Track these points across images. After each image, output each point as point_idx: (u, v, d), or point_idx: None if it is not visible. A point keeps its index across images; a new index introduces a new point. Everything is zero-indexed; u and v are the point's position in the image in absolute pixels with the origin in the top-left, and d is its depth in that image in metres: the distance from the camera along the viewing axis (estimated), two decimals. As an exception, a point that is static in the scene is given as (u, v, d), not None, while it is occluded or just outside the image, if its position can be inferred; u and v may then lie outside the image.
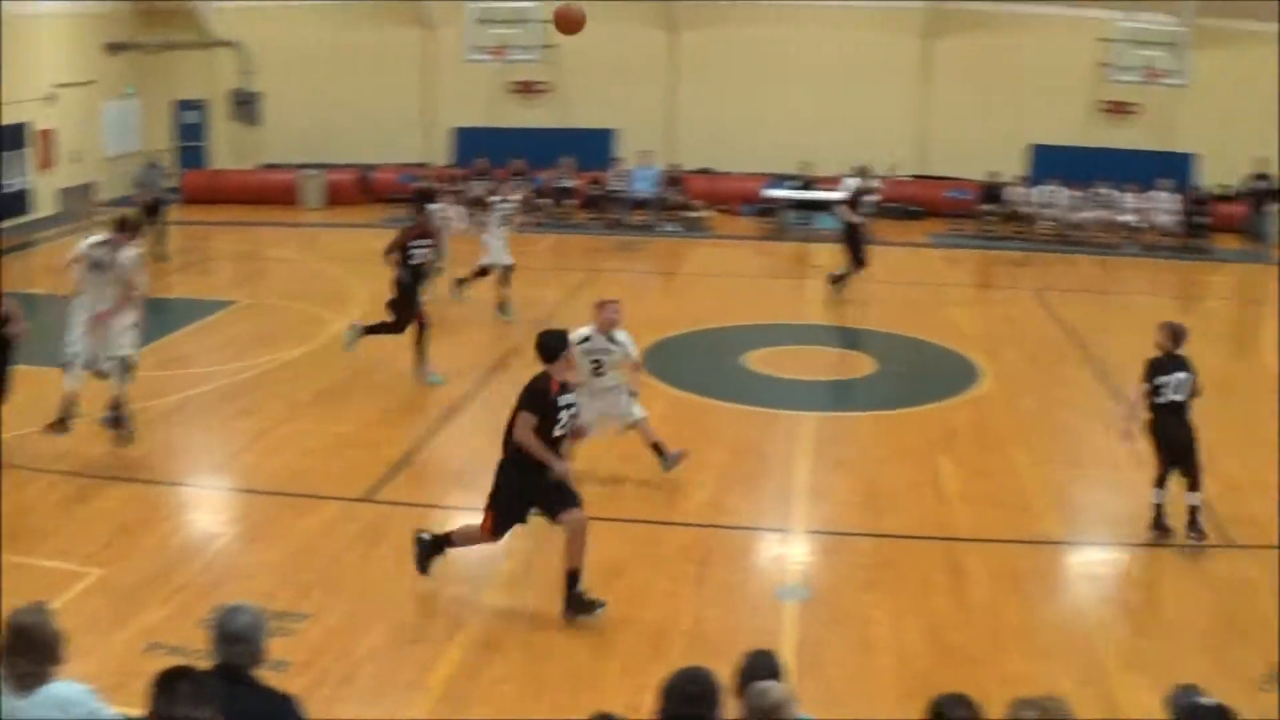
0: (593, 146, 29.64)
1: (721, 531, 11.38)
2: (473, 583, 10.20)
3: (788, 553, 11.08)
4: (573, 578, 9.51)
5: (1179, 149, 30.52)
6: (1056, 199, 28.42)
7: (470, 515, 10.00)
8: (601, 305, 12.32)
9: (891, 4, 30.31)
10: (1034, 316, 20.97)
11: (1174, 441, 11.27)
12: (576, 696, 8.28)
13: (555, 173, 28.37)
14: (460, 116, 30.95)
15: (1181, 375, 11.32)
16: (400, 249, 15.52)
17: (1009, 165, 29.40)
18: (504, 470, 9.68)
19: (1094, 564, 11.25)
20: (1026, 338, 19.50)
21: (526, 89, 31.03)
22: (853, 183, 23.47)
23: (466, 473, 12.16)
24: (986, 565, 10.61)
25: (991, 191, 28.73)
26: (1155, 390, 11.32)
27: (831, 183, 26.64)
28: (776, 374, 16.74)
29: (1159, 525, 11.26)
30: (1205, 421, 12.75)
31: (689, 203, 28.12)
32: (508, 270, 19.28)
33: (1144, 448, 11.55)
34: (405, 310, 15.56)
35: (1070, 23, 29.70)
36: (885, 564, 10.69)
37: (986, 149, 29.07)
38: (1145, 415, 11.45)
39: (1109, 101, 30.71)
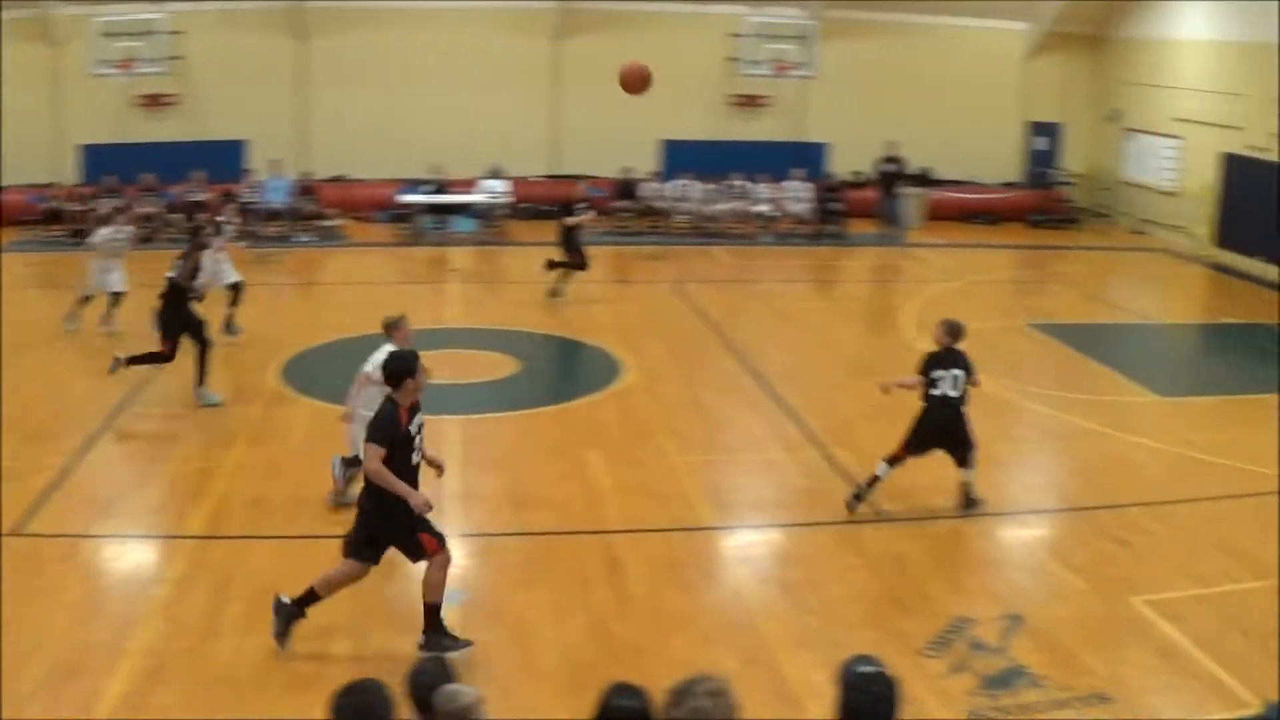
0: (224, 158, 31.41)
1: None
2: (129, 611, 11.28)
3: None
4: (434, 611, 10.63)
5: (810, 139, 35.43)
6: (690, 193, 32.52)
7: (130, 544, 11.83)
8: (398, 324, 13.41)
9: (520, 5, 33.80)
10: (673, 308, 24.18)
11: (943, 433, 13.99)
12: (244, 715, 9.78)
13: (186, 187, 29.69)
14: (88, 133, 32.02)
15: (957, 371, 14.08)
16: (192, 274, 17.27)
17: (642, 161, 33.41)
18: (368, 500, 10.52)
19: (750, 546, 13.70)
20: (667, 329, 22.48)
21: (154, 102, 32.55)
22: (494, 184, 28.71)
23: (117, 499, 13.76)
24: (643, 555, 12.93)
25: (626, 188, 32.49)
26: (931, 383, 14.05)
27: (466, 185, 30.86)
28: (419, 379, 18.40)
29: (858, 496, 13.96)
30: (849, 399, 17.19)
31: (323, 212, 29.99)
32: (236, 288, 20.88)
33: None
34: (178, 334, 17.17)
35: (700, 19, 34.22)
36: (542, 561, 12.70)
37: (620, 146, 33.04)
38: (920, 404, 14.07)
39: (740, 95, 35.32)
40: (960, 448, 14.27)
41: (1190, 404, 19.95)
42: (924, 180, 36.02)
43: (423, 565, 10.51)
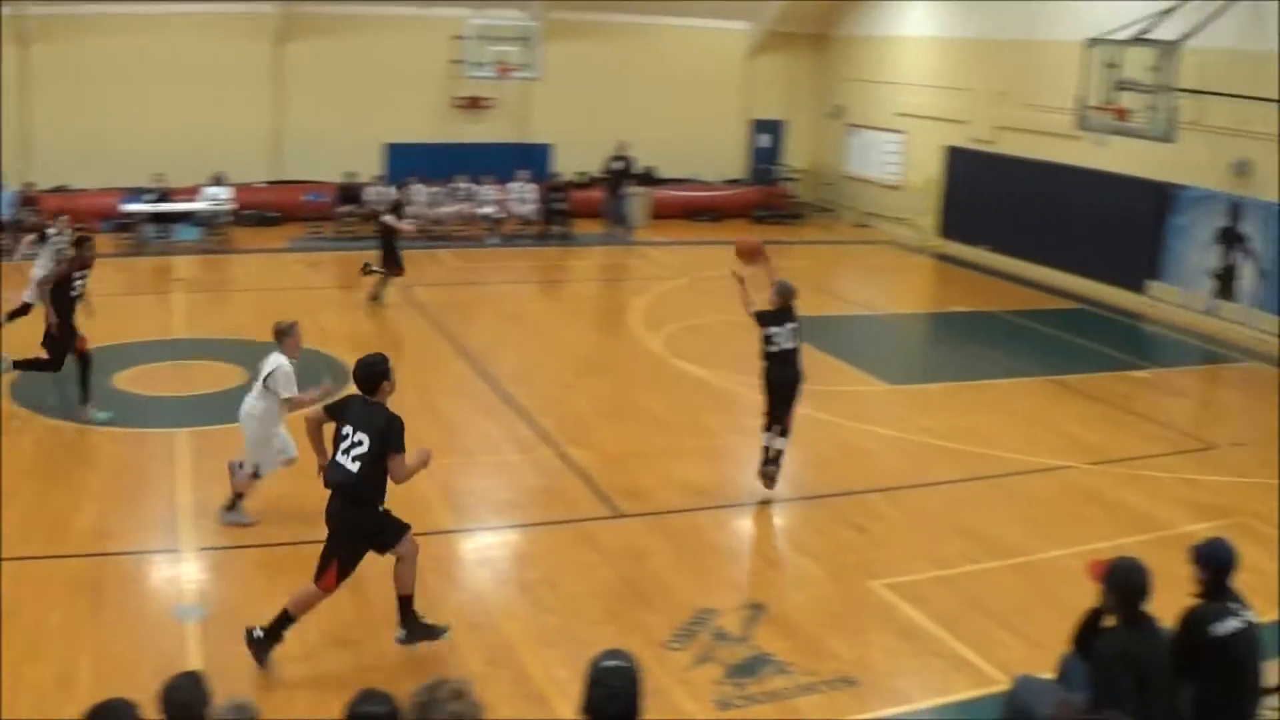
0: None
1: (110, 559, 12.59)
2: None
3: (181, 572, 12.51)
4: (407, 603, 10.78)
5: (535, 140, 35.61)
6: (415, 196, 32.00)
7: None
8: (289, 330, 13.53)
9: (242, 8, 32.84)
10: (402, 313, 23.84)
11: (782, 385, 14.54)
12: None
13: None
14: None
15: (791, 325, 14.71)
16: (64, 282, 16.53)
17: (367, 165, 32.91)
18: (353, 516, 10.45)
19: (488, 548, 13.58)
20: (397, 335, 22.25)
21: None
22: (217, 191, 28.35)
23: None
24: (381, 562, 12.17)
25: (349, 193, 31.94)
26: (768, 340, 14.57)
27: (189, 193, 30.03)
28: (147, 392, 18.30)
29: (768, 464, 14.61)
30: (581, 398, 16.90)
31: (43, 224, 27.40)
32: None
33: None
34: (64, 346, 16.58)
35: (422, 21, 33.93)
36: (280, 571, 12.29)
37: (343, 150, 32.58)
38: (761, 364, 14.61)
39: (463, 97, 35.16)
40: (788, 410, 14.92)
41: (921, 391, 20.55)
42: (649, 179, 36.34)
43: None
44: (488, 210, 32.78)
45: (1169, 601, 8.35)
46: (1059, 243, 29.87)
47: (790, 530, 14.44)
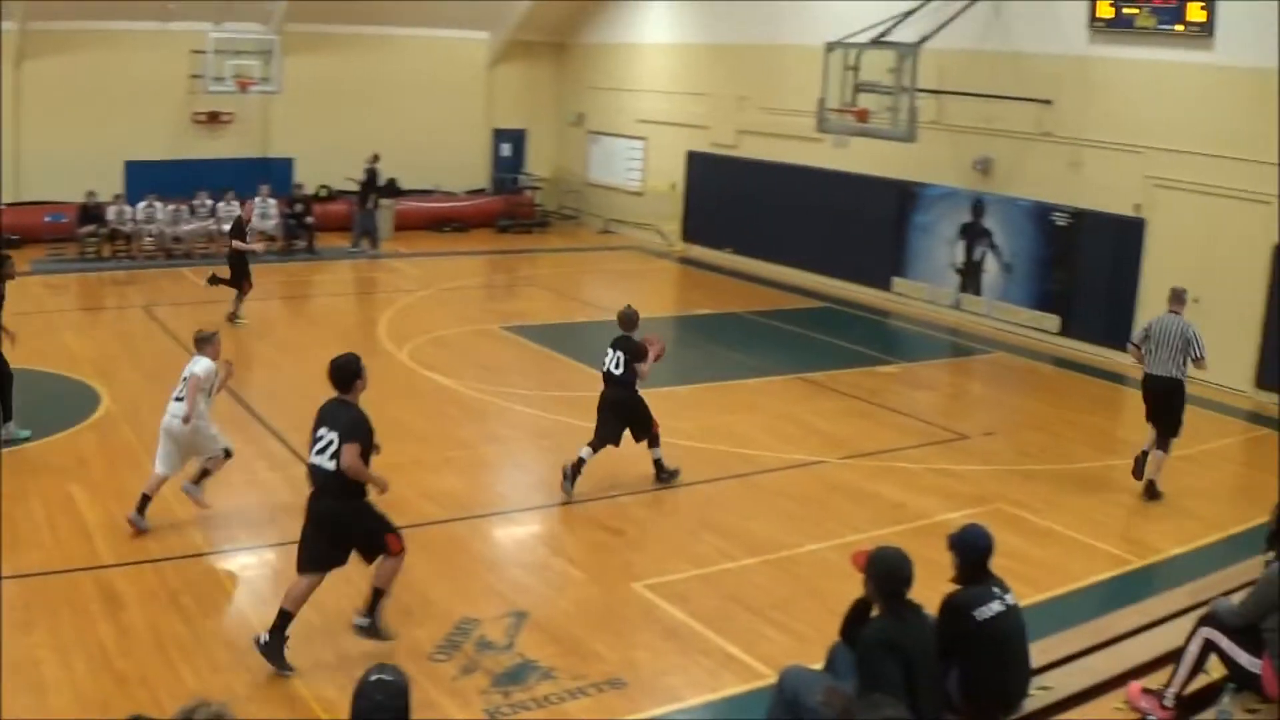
0: None
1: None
2: None
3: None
4: (379, 596, 11.08)
5: (277, 154, 35.14)
6: (156, 214, 31.30)
7: None
8: (210, 339, 14.20)
9: None
10: (146, 332, 23.40)
11: (611, 406, 15.36)
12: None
13: None
14: None
15: (619, 354, 15.52)
16: None
17: (108, 184, 31.82)
18: (341, 511, 10.82)
19: (246, 568, 13.24)
20: (142, 356, 21.67)
21: None
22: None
23: None
24: (141, 587, 12.32)
25: (90, 212, 30.92)
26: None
27: None
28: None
29: (573, 471, 15.00)
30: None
31: None
32: None
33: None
34: None
35: (162, 36, 33.27)
36: (39, 603, 11.90)
37: (84, 170, 31.67)
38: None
39: (204, 113, 34.50)
40: (639, 425, 15.82)
41: (671, 394, 20.40)
42: (393, 191, 36.06)
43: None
44: (229, 226, 31.99)
45: (931, 588, 8.56)
46: (804, 244, 30.44)
47: (549, 536, 14.45)
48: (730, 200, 33.57)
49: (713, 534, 14.31)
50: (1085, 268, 25.40)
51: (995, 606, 8.28)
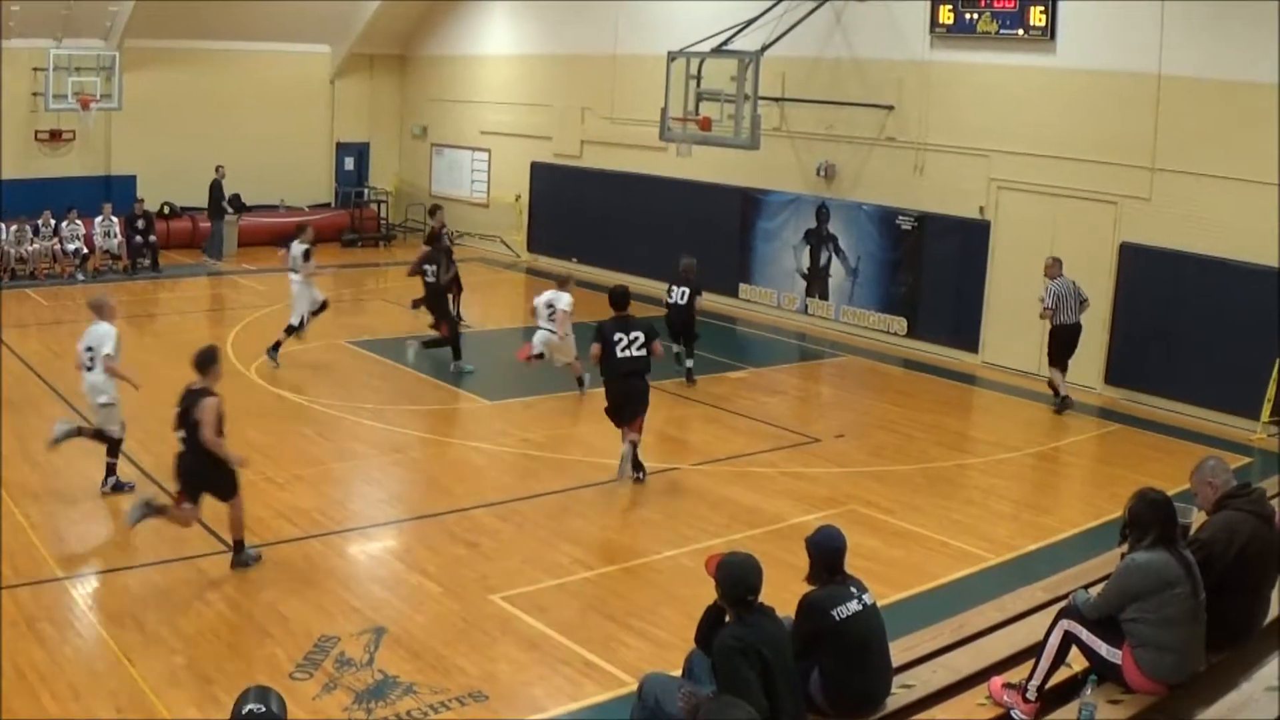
0: None
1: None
2: None
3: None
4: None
5: (119, 172, 34.47)
6: None
7: None
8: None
9: None
10: None
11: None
12: None
13: None
14: None
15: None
16: None
17: None
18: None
19: (101, 593, 12.72)
20: None
21: None
22: None
23: None
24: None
25: None
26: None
27: None
28: None
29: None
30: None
31: None
32: None
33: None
34: None
35: (3, 54, 32.03)
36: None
37: None
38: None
39: (45, 131, 33.77)
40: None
41: (521, 405, 20.76)
42: (236, 206, 35.68)
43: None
44: (74, 246, 31.44)
45: (789, 590, 8.61)
46: (649, 252, 30.44)
47: (404, 551, 14.27)
48: (575, 210, 33.59)
49: (569, 543, 14.33)
50: (931, 270, 25.74)
51: (853, 606, 8.29)
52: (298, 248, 23.28)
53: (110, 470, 15.73)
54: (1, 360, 20.08)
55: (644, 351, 16.35)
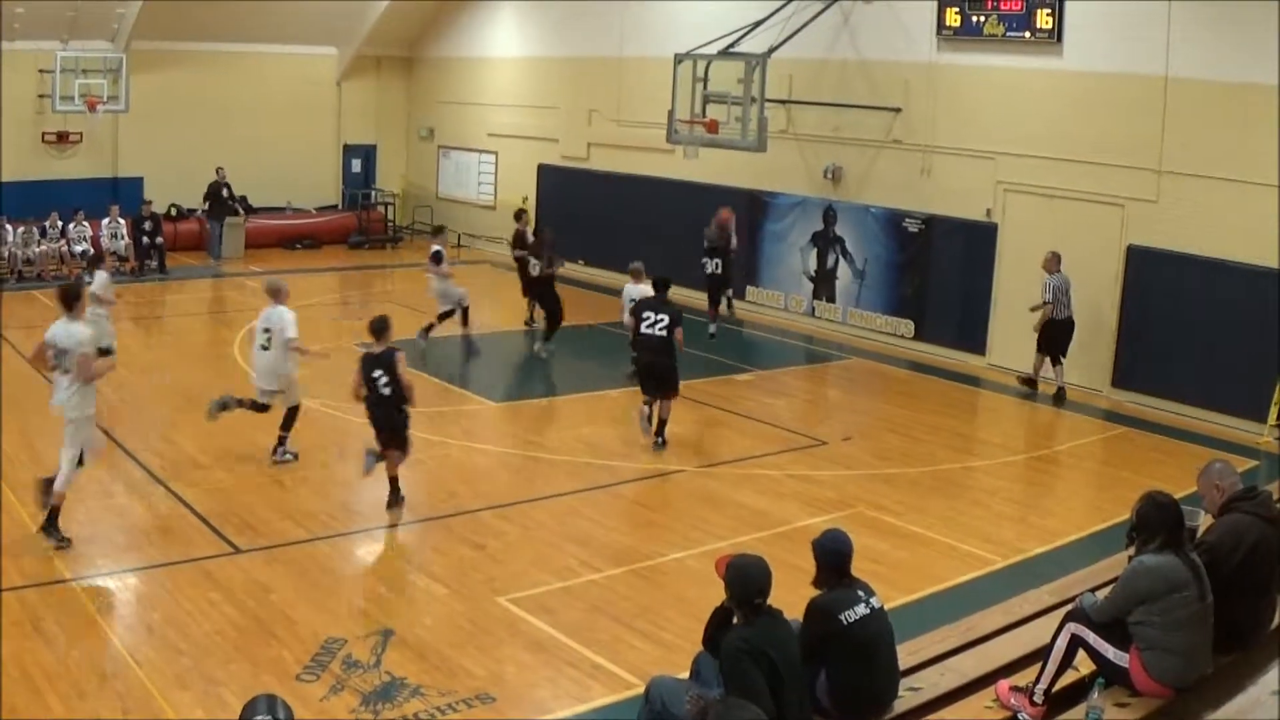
0: None
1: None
2: None
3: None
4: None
5: (126, 173, 34.50)
6: (6, 236, 30.62)
7: None
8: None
9: None
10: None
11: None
12: None
13: None
14: None
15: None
16: None
17: None
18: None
19: (110, 593, 12.78)
20: None
21: None
22: None
23: None
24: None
25: None
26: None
27: None
28: None
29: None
30: (186, 435, 17.52)
31: None
32: None
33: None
34: None
35: (8, 56, 32.20)
36: None
37: None
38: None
39: (52, 133, 33.82)
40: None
41: (529, 406, 21.06)
42: (243, 208, 35.72)
43: None
44: (82, 247, 31.46)
45: (795, 593, 8.55)
46: (656, 255, 30.38)
47: (411, 553, 14.34)
48: (582, 213, 33.48)
49: (575, 545, 14.35)
50: (938, 273, 25.79)
51: (860, 610, 8.25)
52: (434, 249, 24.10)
53: (281, 441, 17.08)
54: (2, 359, 20.11)
55: (665, 333, 17.39)
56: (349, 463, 16.99)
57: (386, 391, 15.10)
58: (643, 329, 18.02)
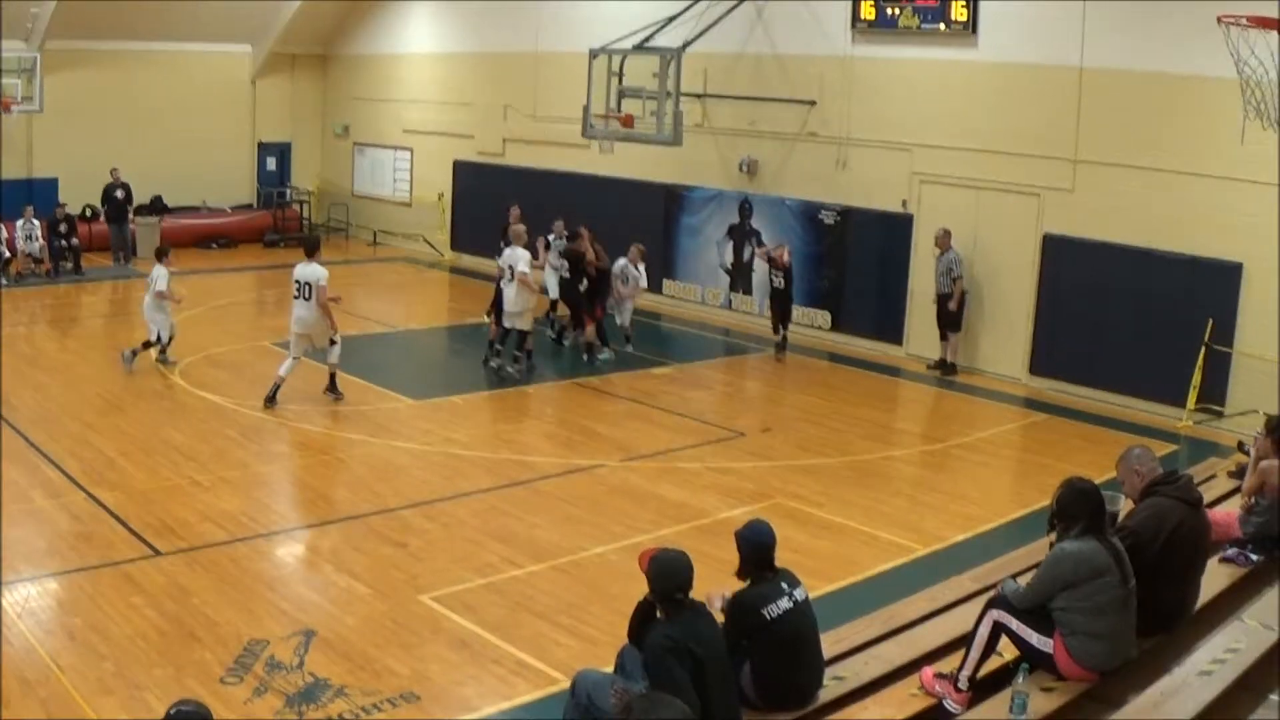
0: None
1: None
2: None
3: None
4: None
5: (41, 174, 34.03)
6: None
7: None
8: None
9: None
10: None
11: None
12: None
13: None
14: None
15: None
16: None
17: None
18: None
19: (30, 599, 12.44)
20: None
21: None
22: None
23: None
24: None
25: None
26: None
27: None
28: None
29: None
30: (104, 438, 17.21)
31: None
32: None
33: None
34: None
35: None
36: None
37: None
38: None
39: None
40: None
41: (446, 404, 20.74)
42: (156, 208, 35.49)
43: None
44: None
45: (718, 585, 8.58)
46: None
47: (331, 552, 14.10)
48: (498, 209, 33.15)
49: (497, 542, 14.26)
50: (855, 264, 25.94)
51: (784, 603, 8.24)
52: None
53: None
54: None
55: None
56: (270, 464, 16.98)
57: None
58: None
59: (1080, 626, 8.26)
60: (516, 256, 21.80)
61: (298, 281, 20.07)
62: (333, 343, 20.32)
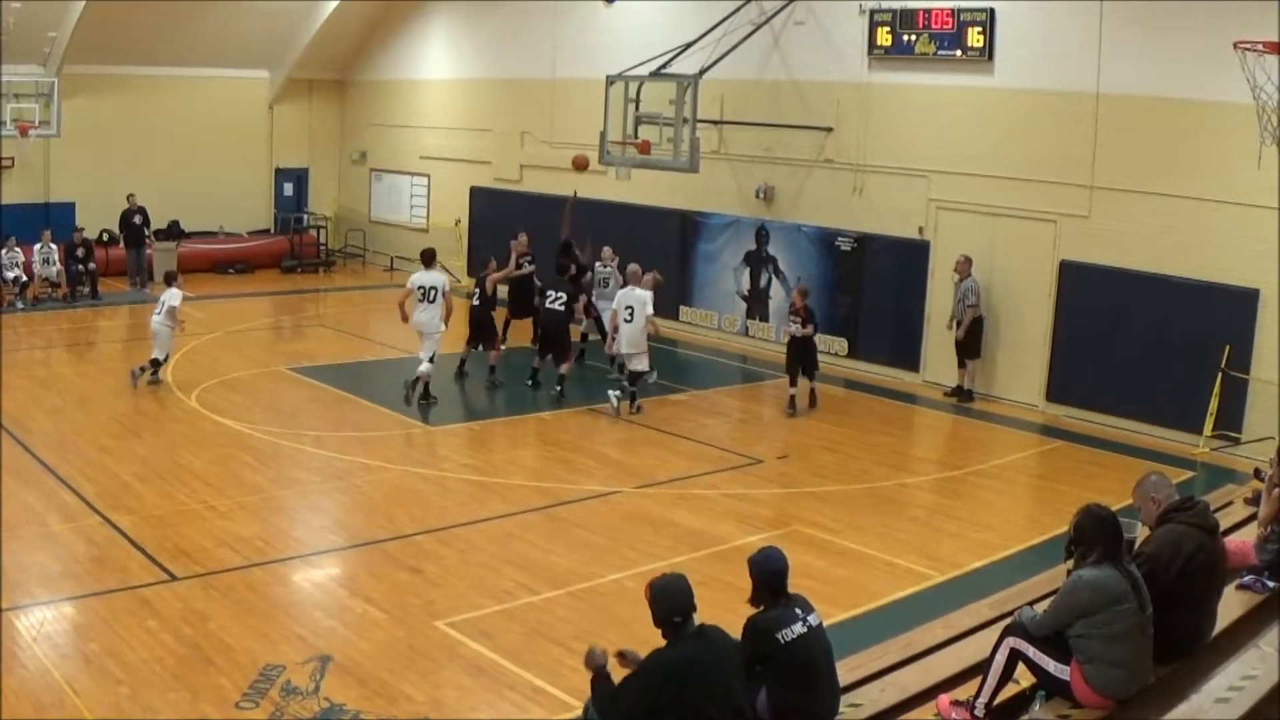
0: None
1: None
2: None
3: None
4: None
5: (58, 198, 34.20)
6: None
7: None
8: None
9: None
10: None
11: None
12: None
13: None
14: None
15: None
16: None
17: None
18: None
19: (46, 623, 12.53)
20: None
21: None
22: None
23: None
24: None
25: None
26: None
27: None
28: None
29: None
30: (120, 462, 17.16)
31: None
32: None
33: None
34: None
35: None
36: None
37: None
38: None
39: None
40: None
41: (463, 430, 20.93)
42: (173, 233, 35.67)
43: None
44: (14, 274, 30.94)
45: (733, 612, 8.55)
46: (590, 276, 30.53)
47: (348, 578, 14.16)
48: (513, 235, 33.39)
49: (513, 568, 14.27)
50: (871, 291, 25.92)
51: (798, 628, 8.22)
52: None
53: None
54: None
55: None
56: (287, 489, 16.95)
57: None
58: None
59: (1097, 654, 8.24)
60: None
61: (421, 287, 21.99)
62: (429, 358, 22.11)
